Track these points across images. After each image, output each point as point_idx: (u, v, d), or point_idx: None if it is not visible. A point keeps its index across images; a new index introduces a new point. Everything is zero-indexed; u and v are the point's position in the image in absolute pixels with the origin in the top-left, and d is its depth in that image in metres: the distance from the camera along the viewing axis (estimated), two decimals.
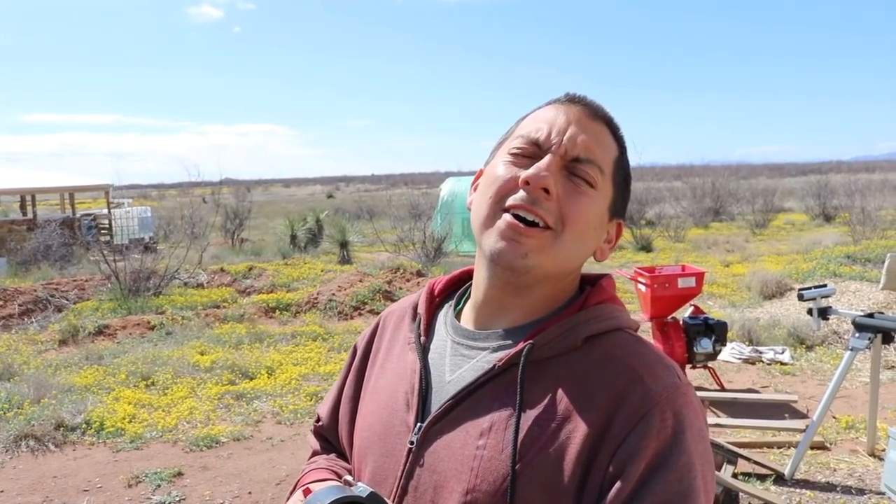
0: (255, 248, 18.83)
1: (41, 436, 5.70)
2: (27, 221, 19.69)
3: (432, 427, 1.03)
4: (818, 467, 4.89)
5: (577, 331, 1.01)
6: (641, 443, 0.90)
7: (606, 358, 0.99)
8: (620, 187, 1.08)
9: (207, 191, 31.22)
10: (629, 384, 0.95)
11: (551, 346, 1.00)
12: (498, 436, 0.97)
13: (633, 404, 0.93)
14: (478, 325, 1.10)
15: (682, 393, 0.95)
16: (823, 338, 8.07)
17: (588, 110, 1.05)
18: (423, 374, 1.09)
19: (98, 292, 11.74)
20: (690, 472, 0.91)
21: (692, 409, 0.95)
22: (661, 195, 28.75)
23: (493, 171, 1.05)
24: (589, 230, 1.03)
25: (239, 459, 5.39)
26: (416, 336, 1.15)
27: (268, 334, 9.20)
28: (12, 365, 7.75)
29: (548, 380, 0.99)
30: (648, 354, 1.00)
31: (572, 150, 1.01)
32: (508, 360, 1.00)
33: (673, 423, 0.92)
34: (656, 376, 0.96)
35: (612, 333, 1.03)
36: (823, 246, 15.26)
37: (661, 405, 0.93)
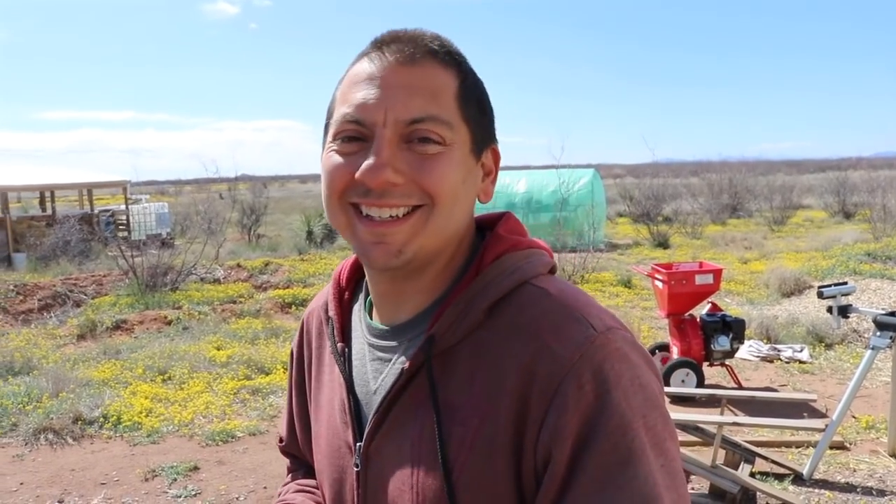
0: (271, 244, 18.90)
1: (60, 429, 5.75)
2: (46, 217, 19.86)
3: (370, 446, 0.95)
4: (837, 467, 4.83)
5: (475, 304, 0.88)
6: (561, 419, 0.79)
7: (511, 327, 0.86)
8: (476, 118, 0.92)
9: (224, 187, 31.36)
10: (535, 354, 0.82)
11: (453, 331, 0.88)
12: (428, 445, 0.88)
13: (542, 378, 0.81)
14: (384, 319, 0.99)
15: (600, 345, 0.82)
16: (843, 336, 7.99)
17: (403, 55, 0.88)
18: (349, 386, 0.99)
19: (116, 287, 11.83)
20: (626, 433, 0.79)
21: (618, 359, 0.82)
22: (678, 191, 28.56)
23: (325, 163, 0.92)
24: (458, 189, 0.89)
25: (254, 454, 5.41)
26: (333, 345, 1.03)
27: (284, 329, 9.23)
28: (32, 359, 7.82)
29: (461, 368, 0.88)
30: (554, 310, 0.86)
31: (402, 117, 0.86)
32: (416, 360, 0.89)
33: (592, 387, 0.80)
34: (564, 336, 0.83)
35: (516, 292, 0.89)
36: (843, 243, 15.12)
37: (575, 369, 0.80)
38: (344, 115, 0.89)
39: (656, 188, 23.11)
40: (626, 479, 0.78)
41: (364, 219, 0.88)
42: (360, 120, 0.87)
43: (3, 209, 18.59)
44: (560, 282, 0.93)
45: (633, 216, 22.06)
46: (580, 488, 0.78)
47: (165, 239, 18.08)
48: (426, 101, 0.87)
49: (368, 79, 0.89)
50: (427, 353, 0.88)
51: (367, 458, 0.95)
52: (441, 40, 0.92)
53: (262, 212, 22.72)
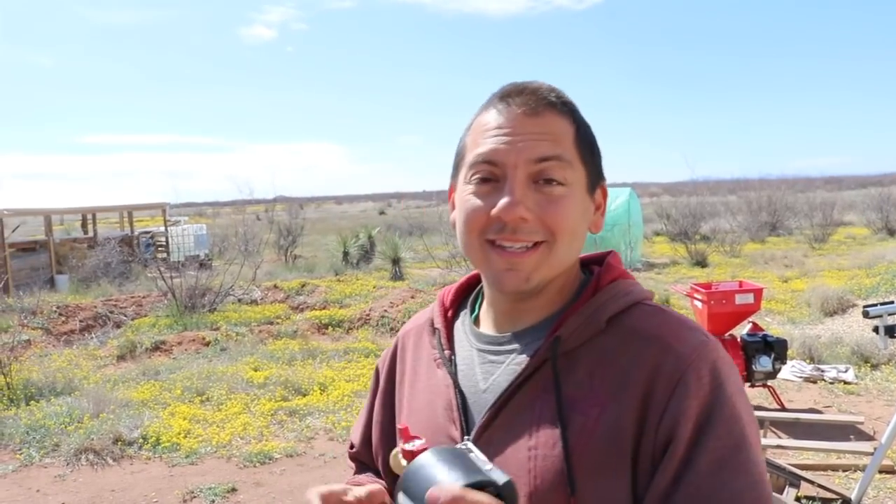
0: (307, 265, 19.03)
1: (100, 450, 5.81)
2: (88, 239, 20.24)
3: (480, 437, 1.03)
4: (888, 492, 4.69)
5: (599, 314, 1.03)
6: (683, 404, 0.93)
7: (632, 334, 1.01)
8: (589, 161, 1.07)
9: (261, 208, 31.71)
10: (660, 353, 0.97)
11: (577, 335, 1.02)
12: (546, 433, 0.98)
13: (667, 371, 0.95)
14: (499, 329, 1.12)
15: (713, 349, 0.98)
16: (890, 356, 7.79)
17: (528, 107, 1.03)
18: (456, 387, 1.10)
19: (155, 308, 11.98)
20: (738, 422, 0.93)
21: (726, 363, 0.98)
22: (716, 210, 28.24)
23: (463, 203, 1.06)
24: (577, 225, 1.05)
25: (292, 476, 5.41)
26: (441, 351, 1.16)
27: (320, 350, 9.26)
28: (73, 380, 7.94)
29: (581, 368, 1.00)
30: (671, 321, 1.02)
31: (530, 159, 1.01)
32: (539, 357, 1.01)
33: (710, 379, 0.94)
34: (683, 339, 0.98)
35: (630, 309, 1.04)
36: (887, 261, 14.79)
37: (695, 364, 0.95)
38: (478, 156, 1.04)
39: (693, 206, 22.87)
40: (740, 461, 0.92)
41: (497, 249, 1.03)
42: (493, 161, 1.02)
43: (47, 232, 18.99)
44: (665, 305, 1.10)
45: (671, 235, 21.81)
46: (701, 466, 0.91)
47: (204, 260, 18.31)
48: (551, 144, 1.02)
49: (498, 127, 1.04)
50: (553, 351, 1.01)
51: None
52: (557, 92, 1.06)
53: (299, 233, 22.89)
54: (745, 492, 0.90)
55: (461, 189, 1.08)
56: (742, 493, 0.90)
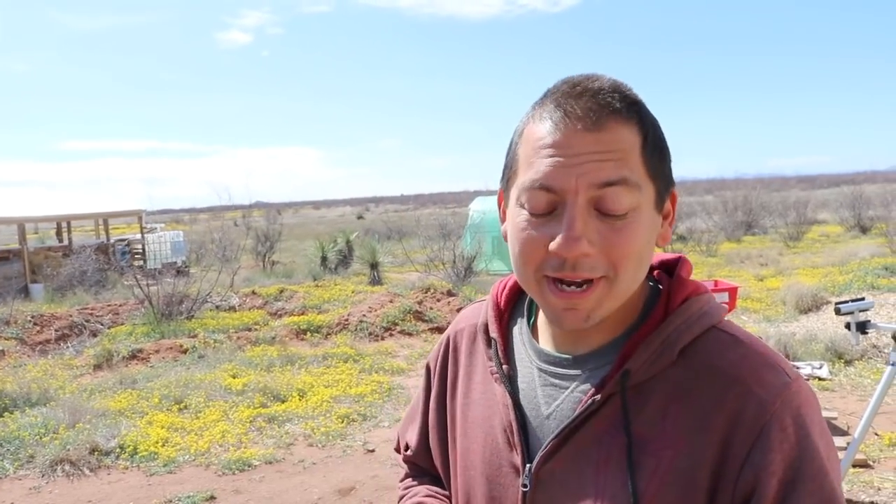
0: (286, 271, 18.95)
1: (76, 460, 5.75)
2: (63, 248, 20.02)
3: (542, 467, 0.97)
4: (861, 486, 4.76)
5: (669, 345, 0.93)
6: (766, 457, 0.85)
7: (707, 368, 0.91)
8: (659, 172, 0.94)
9: (238, 214, 31.54)
10: (740, 398, 0.88)
11: (646, 367, 0.93)
12: (614, 473, 0.91)
13: (748, 419, 0.87)
14: (559, 348, 1.02)
15: (796, 392, 0.89)
16: (862, 352, 7.90)
17: (589, 120, 0.89)
18: (516, 409, 1.02)
19: (132, 317, 11.88)
20: (827, 475, 0.87)
21: (809, 407, 0.89)
22: (693, 209, 28.49)
23: (519, 232, 0.94)
24: (644, 251, 0.93)
25: (271, 483, 5.38)
26: (498, 365, 1.06)
27: (299, 356, 9.22)
28: (48, 390, 7.84)
29: (651, 404, 0.92)
30: (750, 356, 0.92)
31: (592, 184, 0.88)
32: (607, 391, 0.93)
33: (794, 430, 0.87)
34: (765, 382, 0.89)
35: (705, 336, 0.94)
36: (860, 258, 14.99)
37: (778, 413, 0.87)
38: (533, 181, 0.91)
39: None
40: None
41: (555, 287, 0.92)
42: (550, 187, 0.90)
43: (21, 240, 18.76)
44: (741, 328, 0.98)
45: None
46: None
47: (181, 267, 18.17)
48: (615, 165, 0.88)
49: (555, 146, 0.90)
50: (622, 385, 0.92)
51: (537, 479, 0.98)
52: (621, 92, 0.92)
53: (277, 238, 22.79)
54: None
55: (514, 211, 0.95)
56: None
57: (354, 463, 5.70)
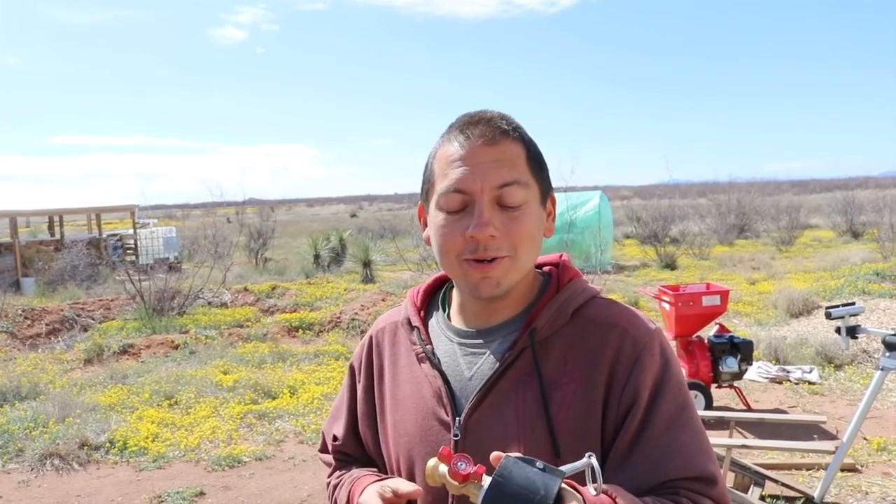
0: (278, 268, 18.91)
1: (66, 455, 5.73)
2: (55, 242, 19.95)
3: (470, 417, 1.22)
4: (849, 490, 4.78)
5: (565, 307, 1.24)
6: (641, 375, 1.18)
7: (594, 322, 1.23)
8: (540, 176, 1.26)
9: (231, 210, 31.49)
10: (619, 337, 1.20)
11: (548, 326, 1.23)
12: (530, 408, 1.19)
13: (627, 351, 1.19)
14: (475, 325, 1.30)
15: (659, 332, 1.24)
16: (853, 357, 7.93)
17: (486, 138, 1.20)
18: (444, 376, 1.27)
19: (123, 312, 11.85)
20: (682, 387, 1.21)
21: (667, 346, 1.24)
22: (686, 213, 28.51)
23: (439, 228, 1.23)
24: (534, 236, 1.24)
25: (261, 479, 5.38)
26: (422, 345, 1.32)
27: (290, 353, 9.21)
28: (38, 384, 7.82)
29: (555, 353, 1.22)
30: (624, 311, 1.25)
31: (493, 185, 1.18)
32: (519, 346, 1.22)
33: (660, 355, 1.21)
34: (637, 325, 1.23)
35: (589, 302, 1.27)
36: (851, 263, 15.03)
37: (649, 345, 1.20)
38: (448, 187, 1.21)
39: (664, 209, 23.07)
40: (686, 418, 1.18)
41: (472, 263, 1.20)
42: (462, 189, 1.19)
43: (12, 234, 18.68)
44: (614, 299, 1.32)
45: (641, 238, 21.98)
46: (656, 423, 1.16)
47: (173, 263, 18.12)
48: (509, 170, 1.20)
49: (461, 158, 1.20)
50: (532, 340, 1.21)
51: (465, 429, 1.22)
52: (507, 119, 1.24)
53: (270, 235, 22.75)
54: (690, 441, 1.17)
55: (434, 214, 1.25)
56: (688, 443, 1.16)
57: None
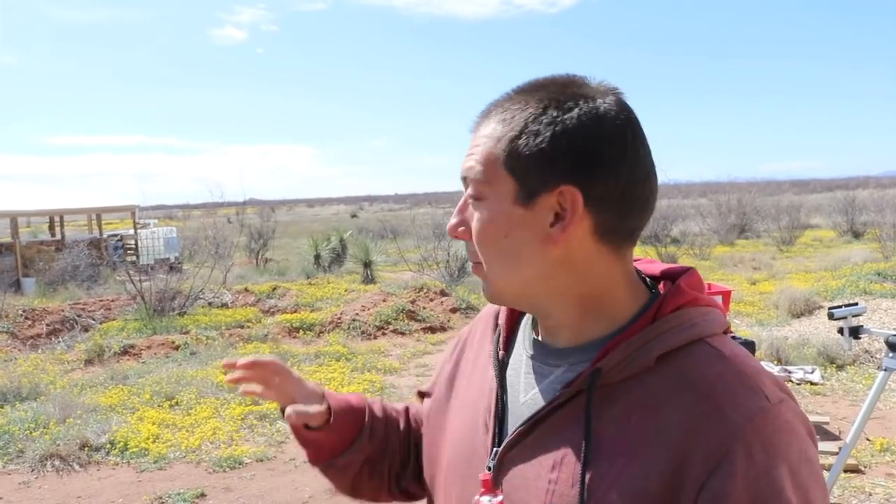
0: (279, 268, 18.91)
1: (66, 455, 5.72)
2: (55, 242, 19.96)
3: (507, 453, 0.98)
4: (852, 491, 4.77)
5: (648, 349, 0.89)
6: (727, 485, 0.79)
7: (682, 381, 0.87)
8: (519, 166, 0.92)
9: (232, 211, 31.52)
10: (707, 417, 0.83)
11: (620, 368, 0.90)
12: (568, 469, 0.89)
13: (711, 441, 0.81)
14: (550, 339, 1.02)
15: (773, 418, 0.82)
16: (855, 357, 7.92)
17: (477, 121, 0.98)
18: (499, 393, 1.04)
19: (124, 312, 11.84)
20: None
21: (787, 432, 0.83)
22: (686, 212, 28.55)
23: None
24: (498, 240, 0.94)
25: (262, 480, 5.37)
26: (495, 350, 1.09)
27: (291, 354, 9.20)
28: (39, 385, 7.81)
29: (618, 407, 0.89)
30: (729, 374, 0.86)
31: (461, 175, 0.98)
32: (576, 386, 0.91)
33: (764, 458, 0.80)
34: (738, 403, 0.83)
35: (690, 347, 0.90)
36: (852, 263, 15.03)
37: (747, 438, 0.81)
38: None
39: (664, 209, 23.06)
40: None
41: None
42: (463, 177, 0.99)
43: (13, 234, 18.69)
44: (734, 345, 0.93)
45: (641, 237, 21.72)
46: None
47: (174, 263, 18.12)
48: (474, 158, 0.95)
49: None
50: (590, 383, 0.90)
51: (500, 463, 0.98)
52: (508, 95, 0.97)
53: (270, 236, 22.75)
54: None
55: None
56: None
57: None
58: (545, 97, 0.93)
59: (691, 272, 0.99)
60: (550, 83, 0.95)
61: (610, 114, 0.92)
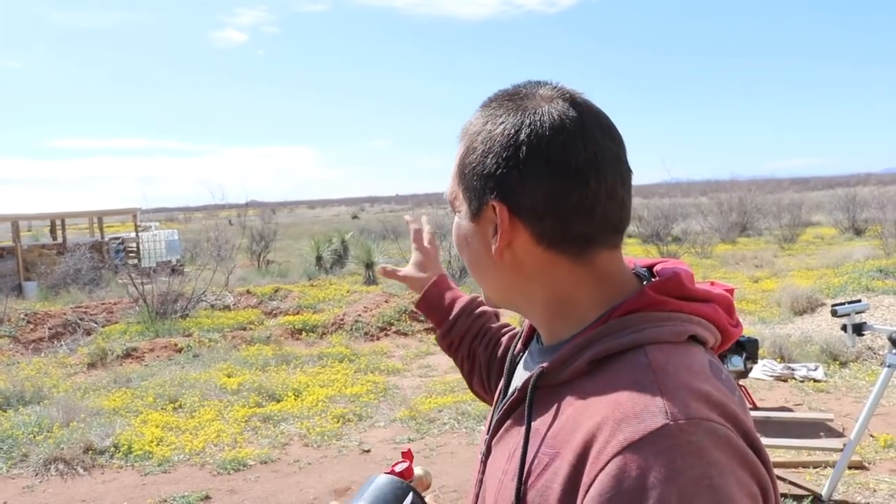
0: (280, 270, 18.91)
1: (70, 459, 5.73)
2: (57, 245, 19.97)
3: (491, 440, 1.04)
4: (857, 488, 4.76)
5: (584, 353, 0.89)
6: (602, 496, 0.75)
7: (606, 387, 0.84)
8: (467, 185, 0.96)
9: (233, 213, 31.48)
10: (604, 422, 0.80)
11: (557, 372, 0.91)
12: (514, 462, 0.90)
13: (600, 448, 0.78)
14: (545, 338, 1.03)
15: (672, 434, 0.76)
16: (858, 354, 7.91)
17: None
18: (502, 387, 1.14)
19: (126, 315, 11.84)
20: None
21: (688, 454, 0.75)
22: (688, 211, 28.51)
23: None
24: (464, 251, 1.02)
25: (266, 482, 5.37)
26: (512, 348, 1.16)
27: (294, 356, 9.20)
28: (42, 388, 7.82)
29: (555, 408, 0.89)
30: (644, 385, 0.81)
31: None
32: (525, 384, 0.94)
33: (653, 476, 0.74)
34: (639, 414, 0.78)
35: (625, 354, 0.87)
36: (854, 260, 15.01)
37: (633, 449, 0.76)
38: None
39: (666, 208, 23.05)
40: None
41: None
42: None
43: (14, 238, 18.70)
44: (675, 355, 0.87)
45: (643, 237, 21.98)
46: None
47: (175, 266, 18.12)
48: (450, 176, 1.02)
49: None
50: (533, 382, 0.93)
51: (488, 450, 1.04)
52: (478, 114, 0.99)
53: (272, 238, 22.76)
54: None
55: None
56: None
57: (350, 463, 5.69)
58: (489, 112, 0.96)
59: (675, 275, 0.95)
60: (501, 96, 0.97)
61: (539, 125, 0.90)
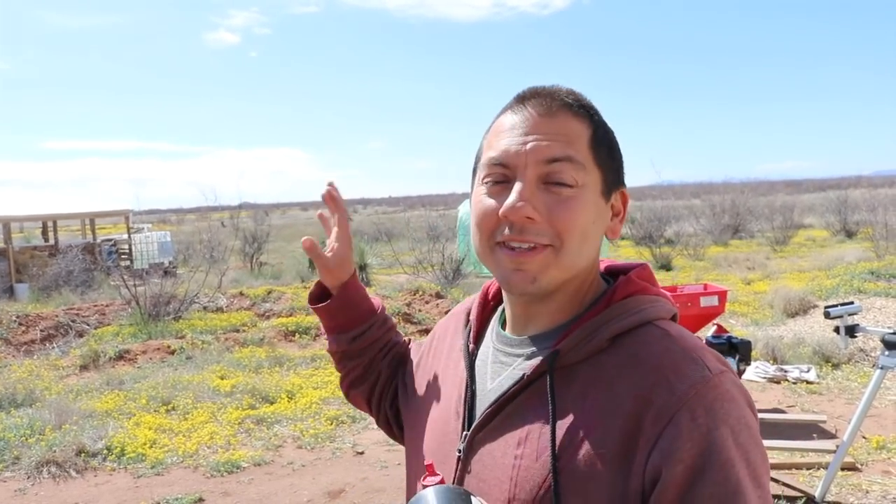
0: (274, 272, 18.87)
1: (62, 462, 5.70)
2: (49, 247, 19.87)
3: (476, 436, 1.06)
4: (850, 489, 4.78)
5: (602, 331, 0.99)
6: (674, 444, 0.88)
7: (632, 358, 0.96)
8: (606, 164, 1.04)
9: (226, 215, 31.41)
10: (655, 385, 0.92)
11: (577, 350, 0.99)
12: (533, 444, 0.97)
13: (660, 407, 0.90)
14: (515, 331, 1.11)
15: (714, 385, 0.91)
16: (850, 356, 7.94)
17: (542, 108, 1.02)
18: (468, 382, 1.12)
19: (118, 317, 11.79)
20: (733, 466, 0.87)
21: (728, 401, 0.91)
22: (680, 213, 28.59)
23: (476, 204, 1.06)
24: (588, 228, 1.02)
25: (260, 485, 5.35)
26: (465, 343, 1.18)
27: (287, 358, 9.18)
28: (34, 391, 7.78)
29: (577, 385, 0.98)
30: (674, 350, 0.96)
31: (539, 160, 1.00)
32: (538, 369, 1.00)
33: (706, 420, 0.88)
34: (682, 373, 0.92)
35: (639, 330, 1.00)
36: (846, 262, 15.08)
37: (690, 403, 0.89)
38: (490, 159, 1.04)
39: (658, 210, 23.09)
40: None
41: (506, 249, 1.01)
42: (504, 163, 1.02)
43: (6, 239, 18.61)
44: (679, 327, 1.03)
45: (636, 239, 22.02)
46: None
47: (168, 268, 18.06)
48: (562, 145, 1.00)
49: (511, 128, 1.03)
50: (550, 364, 0.99)
51: (470, 446, 1.06)
52: (575, 95, 1.05)
53: (265, 239, 22.71)
54: None
55: (475, 191, 1.07)
56: None
57: (344, 465, 5.68)
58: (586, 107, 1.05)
59: (643, 266, 1.10)
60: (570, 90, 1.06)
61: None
